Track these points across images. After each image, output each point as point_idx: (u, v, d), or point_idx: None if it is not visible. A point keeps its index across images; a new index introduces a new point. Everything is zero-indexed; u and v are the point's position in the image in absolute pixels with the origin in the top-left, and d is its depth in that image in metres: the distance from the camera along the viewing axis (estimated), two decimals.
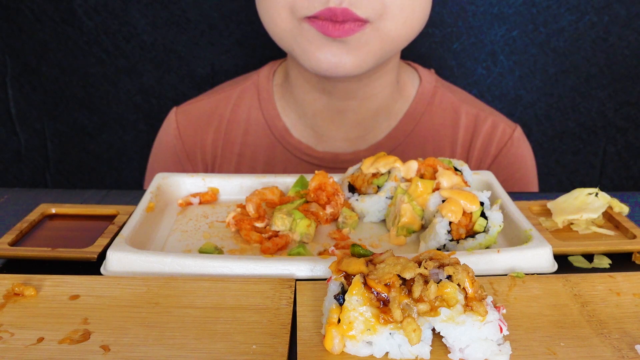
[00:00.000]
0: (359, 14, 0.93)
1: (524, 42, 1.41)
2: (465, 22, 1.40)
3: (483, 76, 1.45)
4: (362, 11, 0.93)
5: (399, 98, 1.15)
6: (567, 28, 1.40)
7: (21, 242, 0.73)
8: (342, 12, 0.92)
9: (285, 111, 1.15)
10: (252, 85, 1.18)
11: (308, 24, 0.95)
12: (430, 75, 1.18)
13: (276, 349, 0.53)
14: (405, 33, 0.99)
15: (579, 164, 1.53)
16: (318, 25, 0.94)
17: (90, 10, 1.39)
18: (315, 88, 1.10)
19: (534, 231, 0.70)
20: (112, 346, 0.54)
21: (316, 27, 0.94)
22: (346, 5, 0.91)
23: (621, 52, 1.42)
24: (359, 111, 1.12)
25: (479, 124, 1.14)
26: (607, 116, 1.48)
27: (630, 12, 1.38)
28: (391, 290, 0.52)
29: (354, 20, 0.93)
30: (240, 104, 1.17)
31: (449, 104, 1.16)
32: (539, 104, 1.47)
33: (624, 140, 1.50)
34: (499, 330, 0.52)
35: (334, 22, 0.93)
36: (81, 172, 1.56)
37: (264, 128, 1.15)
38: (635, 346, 0.54)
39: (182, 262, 0.66)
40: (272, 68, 1.19)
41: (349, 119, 1.12)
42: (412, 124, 1.13)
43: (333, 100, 1.10)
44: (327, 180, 0.81)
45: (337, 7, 0.91)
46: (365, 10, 0.93)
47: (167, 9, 1.39)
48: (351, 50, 0.96)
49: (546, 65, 1.43)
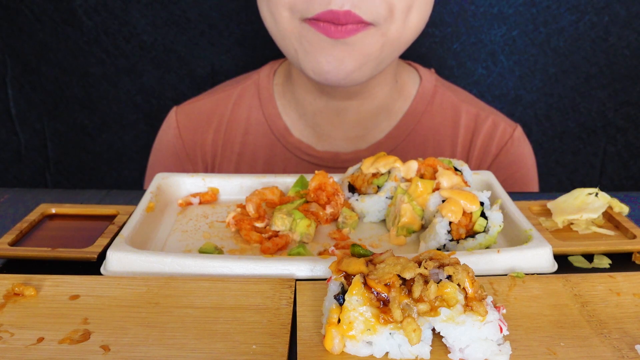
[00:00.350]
0: (364, 17, 0.91)
1: (524, 42, 1.41)
2: (465, 22, 1.40)
3: (483, 76, 1.45)
4: (367, 14, 0.91)
5: (399, 97, 1.15)
6: (567, 28, 1.40)
7: (21, 242, 0.73)
8: (345, 14, 0.90)
9: (285, 110, 1.15)
10: (253, 85, 1.18)
11: (309, 26, 0.94)
12: (431, 74, 1.18)
13: (276, 349, 0.53)
14: (406, 35, 0.99)
15: (579, 164, 1.53)
16: (319, 27, 0.93)
17: (90, 10, 1.39)
18: (315, 88, 1.10)
19: (534, 231, 0.70)
20: (112, 346, 0.54)
21: (317, 29, 0.93)
22: (349, 8, 0.90)
23: (621, 52, 1.42)
24: (359, 111, 1.12)
25: (480, 124, 1.14)
26: (607, 116, 1.48)
27: (630, 12, 1.38)
28: (391, 290, 0.52)
29: (358, 22, 0.92)
30: (240, 103, 1.17)
31: (449, 103, 1.15)
32: (539, 104, 1.47)
33: (624, 140, 1.50)
34: (499, 330, 0.52)
35: (336, 24, 0.91)
36: (81, 172, 1.56)
37: (264, 127, 1.15)
38: (635, 346, 0.54)
39: (182, 262, 0.66)
40: (273, 67, 1.19)
41: (349, 119, 1.12)
42: (412, 124, 1.13)
43: (333, 100, 1.10)
44: (327, 180, 0.81)
45: (339, 10, 0.89)
46: (370, 13, 0.91)
47: (167, 9, 1.39)
48: (352, 53, 0.95)
49: (546, 65, 1.43)
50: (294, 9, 0.94)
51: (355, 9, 0.90)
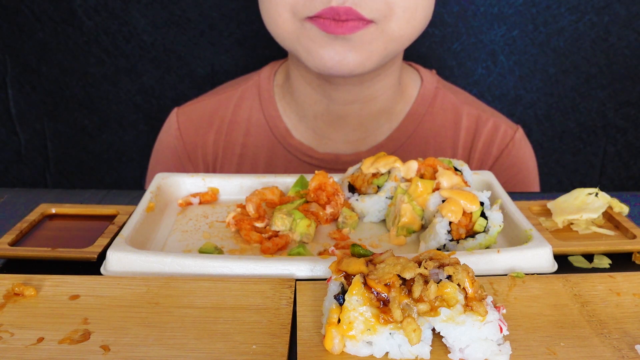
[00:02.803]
0: (364, 14, 0.92)
1: (524, 42, 1.41)
2: (465, 22, 1.40)
3: (483, 76, 1.45)
4: (367, 12, 0.92)
5: (400, 99, 1.14)
6: (567, 28, 1.40)
7: (21, 242, 0.73)
8: (345, 11, 0.91)
9: (286, 112, 1.15)
10: (253, 86, 1.18)
11: (310, 23, 0.95)
12: (432, 76, 1.17)
13: (276, 349, 0.53)
14: (408, 33, 0.99)
15: (579, 164, 1.53)
16: (320, 24, 0.93)
17: (90, 10, 1.39)
18: (315, 91, 1.09)
19: (534, 231, 0.70)
20: (112, 346, 0.54)
21: (318, 26, 0.94)
22: (350, 5, 0.90)
23: (621, 52, 1.42)
24: (360, 114, 1.11)
25: (481, 125, 1.14)
26: (607, 116, 1.48)
27: (630, 12, 1.38)
28: (391, 290, 0.52)
29: (358, 19, 0.92)
30: (241, 104, 1.17)
31: (450, 105, 1.15)
32: (539, 104, 1.47)
33: (624, 140, 1.50)
34: (499, 330, 0.52)
35: (337, 20, 0.92)
36: (81, 172, 1.56)
37: (264, 129, 1.15)
38: (635, 346, 0.54)
39: (182, 262, 0.66)
40: (273, 69, 1.19)
41: (350, 122, 1.12)
42: (413, 125, 1.13)
43: (334, 104, 1.10)
44: (327, 180, 0.81)
45: (339, 7, 0.90)
46: (370, 11, 0.92)
47: (167, 9, 1.39)
48: (354, 48, 0.95)
49: (546, 65, 1.43)
50: (295, 9, 0.95)
51: (356, 6, 0.91)
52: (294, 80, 1.12)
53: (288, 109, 1.15)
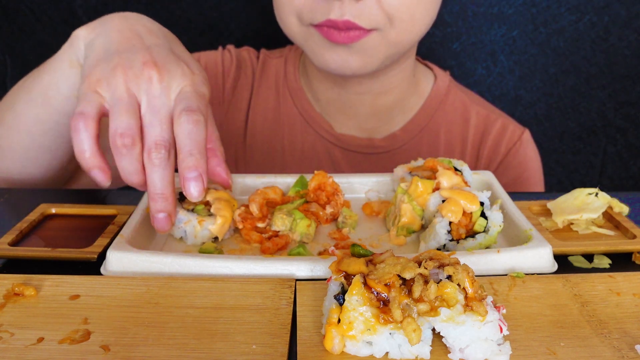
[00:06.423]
0: (363, 25, 0.94)
1: (524, 42, 1.41)
2: (465, 22, 1.40)
3: (483, 76, 1.45)
4: (366, 22, 0.94)
5: (414, 93, 1.18)
6: (567, 28, 1.40)
7: (21, 242, 0.72)
8: (344, 23, 0.94)
9: (304, 89, 1.19)
10: (284, 56, 1.22)
11: (314, 30, 0.98)
12: (445, 75, 1.22)
13: (276, 349, 0.53)
14: (410, 38, 1.02)
15: (579, 164, 1.53)
16: (323, 32, 0.97)
17: (90, 10, 1.39)
18: (327, 79, 1.13)
19: (534, 231, 0.70)
20: (112, 346, 0.54)
21: (321, 33, 0.97)
22: (348, 17, 0.93)
23: (621, 52, 1.42)
24: (373, 104, 1.15)
25: (489, 125, 1.18)
26: (607, 116, 1.48)
27: (630, 12, 1.38)
28: (391, 290, 0.52)
29: (358, 29, 0.95)
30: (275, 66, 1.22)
31: (461, 103, 1.19)
32: (539, 104, 1.47)
33: (624, 140, 1.50)
34: (499, 330, 0.52)
35: (338, 29, 0.95)
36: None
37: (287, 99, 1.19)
38: (635, 346, 0.54)
39: (182, 262, 0.66)
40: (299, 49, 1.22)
41: (362, 112, 1.16)
42: (426, 119, 1.17)
43: (346, 92, 1.13)
44: (327, 180, 0.81)
45: (338, 19, 0.93)
46: (369, 21, 0.95)
47: (167, 9, 1.39)
48: (356, 53, 0.99)
49: (546, 65, 1.43)
50: (300, 16, 0.99)
51: (355, 18, 0.94)
52: (308, 64, 1.16)
53: (306, 87, 1.19)
